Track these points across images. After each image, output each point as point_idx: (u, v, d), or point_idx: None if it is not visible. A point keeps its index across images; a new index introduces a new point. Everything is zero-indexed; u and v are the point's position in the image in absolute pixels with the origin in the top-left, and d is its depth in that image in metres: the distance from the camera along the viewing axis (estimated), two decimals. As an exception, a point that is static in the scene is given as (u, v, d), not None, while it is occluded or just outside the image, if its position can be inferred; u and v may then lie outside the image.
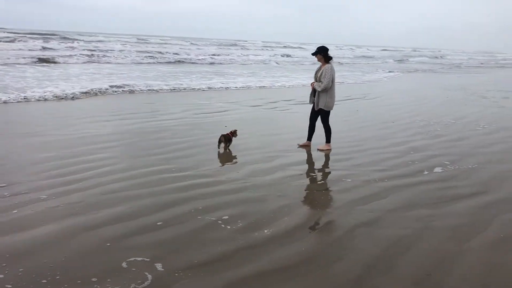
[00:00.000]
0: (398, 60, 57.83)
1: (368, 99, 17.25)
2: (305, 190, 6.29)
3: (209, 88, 19.06)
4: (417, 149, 8.80)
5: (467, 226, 5.13)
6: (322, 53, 8.33)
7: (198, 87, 18.91)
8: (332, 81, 8.31)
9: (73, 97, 14.54)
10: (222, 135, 8.46)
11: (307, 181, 6.66)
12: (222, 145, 8.45)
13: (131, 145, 8.55)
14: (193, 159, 7.59)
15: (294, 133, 9.91)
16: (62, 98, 14.28)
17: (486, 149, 8.97)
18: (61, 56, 29.93)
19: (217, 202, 5.64)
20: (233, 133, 8.65)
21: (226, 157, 7.84)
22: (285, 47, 73.70)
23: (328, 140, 8.69)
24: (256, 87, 20.63)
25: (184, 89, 18.19)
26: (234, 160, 7.70)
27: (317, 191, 6.29)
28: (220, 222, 5.04)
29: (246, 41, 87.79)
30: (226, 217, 5.17)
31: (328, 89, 8.33)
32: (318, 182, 6.66)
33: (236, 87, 19.95)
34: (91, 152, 7.80)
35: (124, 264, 4.02)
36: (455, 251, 4.51)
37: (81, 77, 19.88)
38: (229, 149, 8.42)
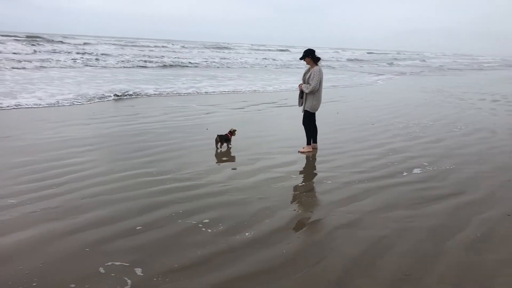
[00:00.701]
0: (389, 63, 58.70)
1: (348, 101, 17.42)
2: (287, 192, 6.30)
3: (197, 92, 18.95)
4: (396, 150, 8.91)
5: (445, 226, 5.21)
6: (310, 56, 8.38)
7: (185, 91, 18.80)
8: (320, 83, 8.39)
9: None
10: (218, 135, 8.61)
11: (288, 183, 6.68)
12: (219, 145, 8.63)
13: (110, 148, 8.46)
14: (173, 162, 7.54)
15: (277, 135, 9.95)
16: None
17: (463, 150, 9.13)
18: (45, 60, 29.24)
19: (198, 206, 5.62)
20: (232, 133, 8.82)
21: (207, 160, 7.80)
22: (269, 50, 73.96)
23: (309, 141, 8.73)
24: (247, 90, 20.57)
25: (168, 94, 17.99)
26: (216, 163, 7.68)
27: (298, 193, 6.31)
28: (200, 225, 5.01)
29: (229, 43, 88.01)
30: (207, 220, 5.15)
31: (316, 92, 8.40)
32: (300, 184, 6.68)
33: (227, 91, 19.90)
34: (70, 156, 7.69)
35: (103, 269, 3.97)
36: (433, 251, 4.58)
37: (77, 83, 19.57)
38: (229, 148, 8.75)
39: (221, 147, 8.63)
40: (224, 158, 7.95)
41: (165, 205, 5.57)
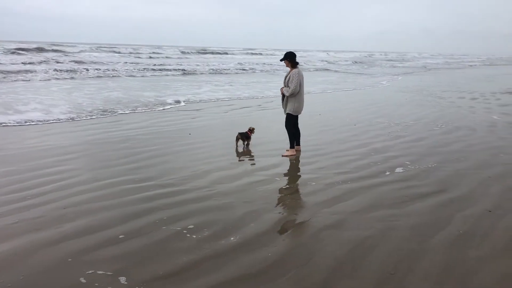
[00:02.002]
0: (393, 66, 59.57)
1: (329, 102, 17.55)
2: (271, 195, 6.31)
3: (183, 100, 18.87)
4: (379, 150, 9.01)
5: (428, 224, 5.28)
6: (289, 59, 8.41)
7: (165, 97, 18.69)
8: (300, 85, 8.40)
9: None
10: (239, 133, 9.04)
11: (273, 186, 6.69)
12: (240, 143, 9.06)
13: (93, 156, 8.37)
14: (157, 168, 7.50)
15: (260, 138, 9.95)
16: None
17: (444, 148, 9.26)
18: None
19: (182, 212, 5.59)
20: (251, 131, 9.17)
21: (191, 165, 7.77)
22: (253, 54, 74.07)
23: (292, 145, 8.76)
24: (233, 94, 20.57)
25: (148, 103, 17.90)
26: (199, 168, 7.65)
27: (283, 195, 6.32)
28: (185, 231, 4.99)
29: (211, 47, 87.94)
30: (192, 226, 5.13)
31: (296, 94, 8.42)
32: (284, 187, 6.69)
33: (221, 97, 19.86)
34: (52, 165, 7.60)
35: (86, 279, 3.92)
36: (417, 249, 4.63)
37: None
38: (248, 145, 9.19)
39: (244, 144, 9.19)
40: (207, 163, 7.92)
41: (149, 212, 5.53)
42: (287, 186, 6.76)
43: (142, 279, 3.94)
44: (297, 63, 8.53)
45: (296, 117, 8.72)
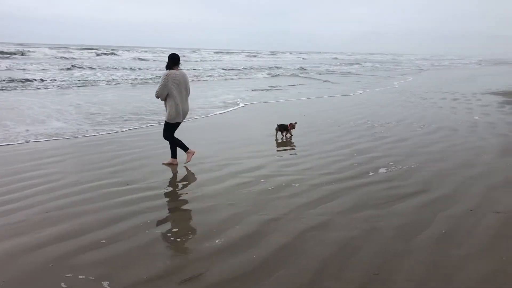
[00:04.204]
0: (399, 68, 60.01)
1: (314, 104, 17.64)
2: (256, 197, 6.29)
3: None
4: (362, 151, 9.07)
5: (412, 224, 5.33)
6: (168, 60, 7.65)
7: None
8: (170, 88, 7.43)
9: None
10: (278, 125, 10.12)
11: (257, 188, 6.68)
12: (279, 134, 10.20)
13: (76, 159, 8.26)
14: (140, 171, 7.43)
15: (243, 140, 9.95)
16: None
17: (427, 149, 9.37)
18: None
19: (166, 215, 5.56)
20: (293, 126, 10.34)
21: (174, 168, 7.73)
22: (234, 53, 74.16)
23: (174, 155, 7.98)
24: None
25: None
26: (183, 170, 7.61)
27: (268, 197, 6.31)
28: (169, 235, 4.96)
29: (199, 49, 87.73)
30: (176, 229, 5.10)
31: (170, 98, 7.51)
32: (268, 188, 6.69)
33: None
34: (33, 168, 7.48)
35: (68, 285, 3.86)
36: (401, 249, 4.67)
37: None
38: (287, 138, 10.30)
39: (282, 135, 10.30)
40: (191, 165, 7.88)
41: (132, 216, 5.48)
42: (272, 187, 6.75)
43: (126, 284, 3.90)
44: (173, 65, 7.55)
45: (171, 125, 7.78)
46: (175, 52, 7.86)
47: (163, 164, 7.96)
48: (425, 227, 5.24)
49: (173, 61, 7.59)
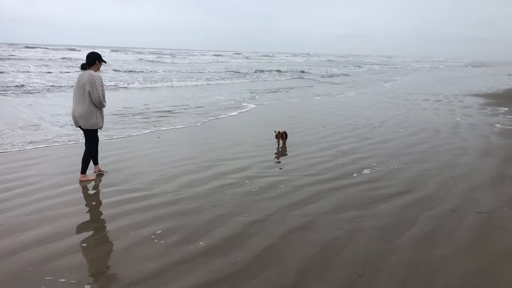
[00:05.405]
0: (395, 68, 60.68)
1: (301, 104, 17.68)
2: (240, 199, 6.27)
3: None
4: (346, 152, 9.12)
5: (395, 225, 5.37)
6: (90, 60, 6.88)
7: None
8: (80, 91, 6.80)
9: None
10: (279, 132, 9.69)
11: (241, 189, 6.66)
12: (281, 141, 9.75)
13: (56, 161, 8.13)
14: (124, 173, 7.35)
15: (227, 141, 9.91)
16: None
17: (410, 150, 9.46)
18: None
19: (150, 217, 5.49)
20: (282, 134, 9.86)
21: (159, 169, 7.65)
22: (217, 55, 73.95)
23: (84, 171, 7.12)
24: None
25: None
26: (167, 172, 7.54)
27: (252, 198, 6.29)
28: (153, 237, 4.90)
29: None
30: (160, 231, 5.04)
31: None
32: (253, 190, 6.67)
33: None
34: (12, 171, 7.34)
35: (49, 289, 3.80)
36: (384, 249, 4.70)
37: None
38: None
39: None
40: (175, 167, 7.82)
41: (115, 218, 5.41)
42: (256, 189, 6.73)
43: (108, 287, 3.84)
44: (85, 67, 6.87)
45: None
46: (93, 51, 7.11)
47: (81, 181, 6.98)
48: (408, 228, 5.28)
49: (85, 64, 6.89)
